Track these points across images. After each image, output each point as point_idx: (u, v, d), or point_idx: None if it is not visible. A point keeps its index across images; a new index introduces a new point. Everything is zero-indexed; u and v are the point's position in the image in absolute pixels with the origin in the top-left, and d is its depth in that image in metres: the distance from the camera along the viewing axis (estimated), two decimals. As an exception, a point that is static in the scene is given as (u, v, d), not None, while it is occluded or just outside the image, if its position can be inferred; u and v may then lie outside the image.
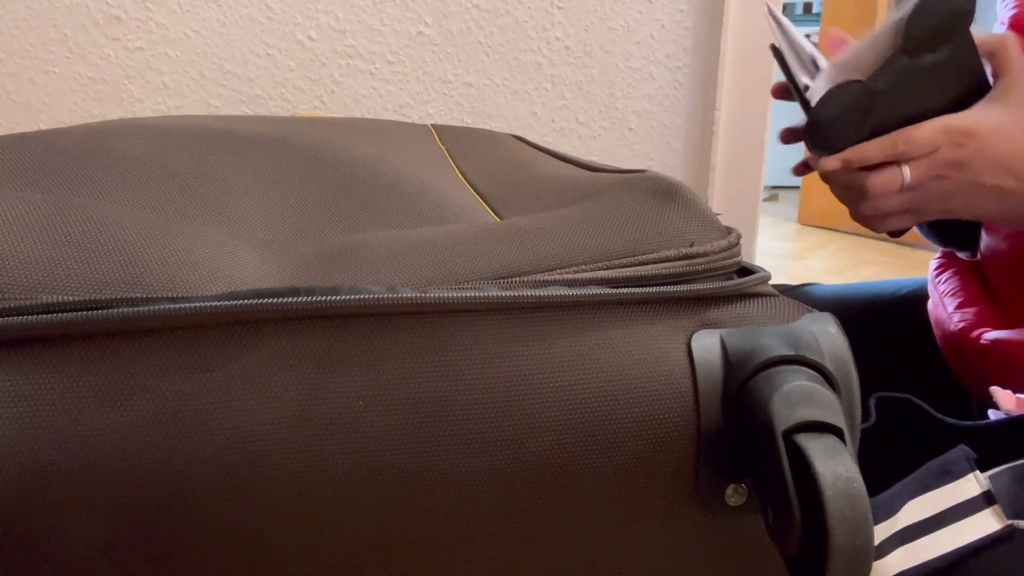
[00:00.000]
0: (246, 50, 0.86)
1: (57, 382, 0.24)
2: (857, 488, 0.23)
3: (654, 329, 0.28)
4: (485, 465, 0.26)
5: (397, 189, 0.38)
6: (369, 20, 0.88)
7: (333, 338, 0.26)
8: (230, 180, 0.37)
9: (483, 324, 0.27)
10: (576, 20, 0.92)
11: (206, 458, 0.24)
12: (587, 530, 0.28)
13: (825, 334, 0.28)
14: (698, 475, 0.27)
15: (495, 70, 0.93)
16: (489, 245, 0.29)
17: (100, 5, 0.82)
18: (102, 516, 0.24)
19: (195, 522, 0.24)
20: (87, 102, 0.85)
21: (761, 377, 0.26)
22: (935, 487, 0.41)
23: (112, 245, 0.26)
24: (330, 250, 0.29)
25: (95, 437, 0.23)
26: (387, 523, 0.26)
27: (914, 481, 0.42)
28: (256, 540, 0.25)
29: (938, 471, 0.42)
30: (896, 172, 0.54)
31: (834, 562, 0.22)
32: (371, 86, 0.90)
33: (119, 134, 0.40)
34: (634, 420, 0.27)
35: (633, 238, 0.30)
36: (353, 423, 0.25)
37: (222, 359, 0.25)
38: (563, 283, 0.28)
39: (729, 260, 0.30)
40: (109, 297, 0.25)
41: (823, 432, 0.24)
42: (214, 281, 0.26)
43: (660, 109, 0.97)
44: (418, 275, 0.28)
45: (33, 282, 0.24)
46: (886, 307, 0.76)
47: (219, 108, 0.88)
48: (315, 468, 0.25)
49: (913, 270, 2.60)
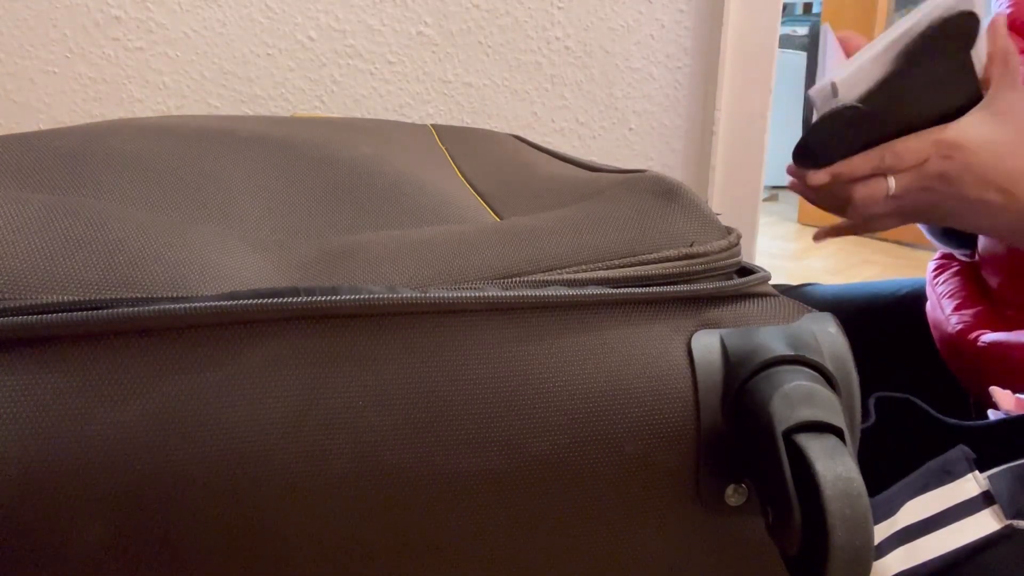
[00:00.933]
0: (246, 50, 0.86)
1: (57, 382, 0.24)
2: (857, 488, 0.23)
3: (654, 329, 0.28)
4: (485, 465, 0.26)
5: (397, 189, 0.38)
6: (369, 20, 0.88)
7: (333, 338, 0.26)
8: (230, 180, 0.37)
9: (483, 324, 0.27)
10: (576, 20, 0.92)
11: (206, 458, 0.24)
12: (587, 530, 0.28)
13: (825, 334, 0.28)
14: (698, 475, 0.27)
15: (495, 70, 0.93)
16: (489, 245, 0.29)
17: (100, 5, 0.82)
18: (102, 516, 0.24)
19: (195, 522, 0.24)
20: (87, 102, 0.85)
21: (761, 377, 0.26)
22: (934, 487, 0.41)
23: (112, 245, 0.26)
24: (330, 250, 0.29)
25: (95, 437, 0.23)
26: (387, 523, 0.26)
27: (913, 481, 0.42)
28: (256, 540, 0.25)
29: (937, 471, 0.42)
30: (881, 183, 0.54)
31: (834, 562, 0.22)
32: (371, 86, 0.90)
33: (119, 134, 0.40)
34: (634, 420, 0.27)
35: (633, 238, 0.30)
36: (353, 423, 0.25)
37: (222, 359, 0.25)
38: (563, 283, 0.28)
39: (729, 260, 0.30)
40: (109, 297, 0.25)
41: (823, 432, 0.24)
42: (214, 281, 0.26)
43: (660, 109, 0.97)
44: (418, 275, 0.28)
45: (33, 282, 0.24)
46: (885, 307, 0.76)
47: (219, 108, 0.88)
48: (315, 468, 0.25)
49: (913, 270, 2.60)
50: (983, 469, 0.41)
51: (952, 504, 0.40)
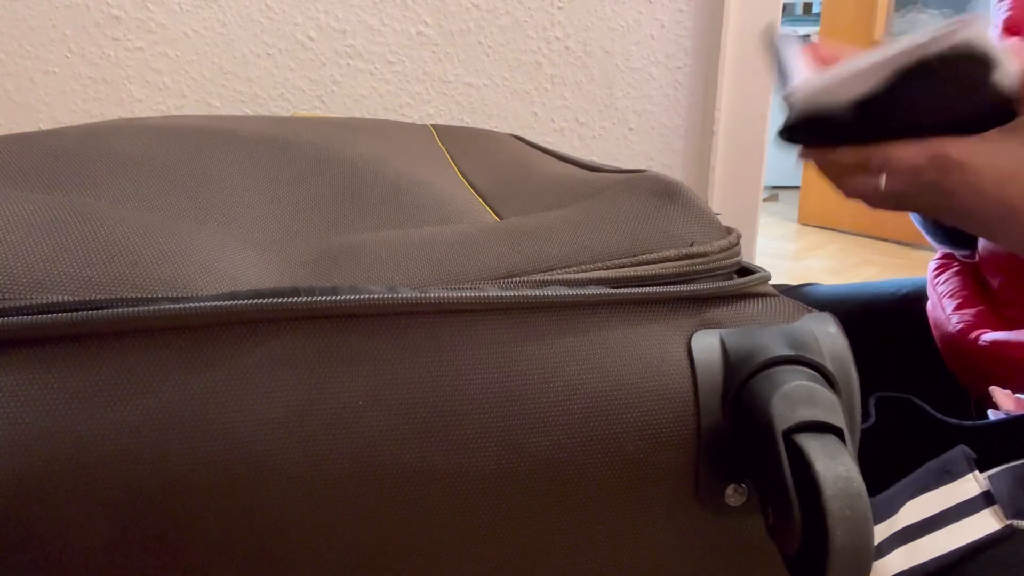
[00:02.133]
0: (246, 50, 0.86)
1: (57, 382, 0.24)
2: (857, 488, 0.23)
3: (654, 329, 0.28)
4: (485, 465, 0.26)
5: (397, 189, 0.38)
6: (369, 20, 0.88)
7: (333, 338, 0.26)
8: (230, 180, 0.37)
9: (483, 324, 0.27)
10: (576, 20, 0.92)
11: (206, 458, 0.24)
12: (587, 530, 0.28)
13: (825, 334, 0.28)
14: (698, 475, 0.27)
15: (495, 70, 0.93)
16: (489, 245, 0.29)
17: (100, 5, 0.82)
18: (101, 516, 0.24)
19: (194, 522, 0.24)
20: (87, 102, 0.85)
21: (761, 377, 0.26)
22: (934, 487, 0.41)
23: (112, 245, 0.26)
24: (330, 250, 0.29)
25: (95, 437, 0.23)
26: (387, 523, 0.26)
27: (913, 481, 0.42)
28: (255, 540, 0.25)
29: (937, 471, 0.42)
30: (870, 179, 0.51)
31: (834, 562, 0.22)
32: (371, 86, 0.90)
33: (119, 134, 0.40)
34: (634, 420, 0.27)
35: (633, 238, 0.30)
36: (353, 423, 0.25)
37: (222, 359, 0.25)
38: (563, 283, 0.28)
39: (729, 260, 0.30)
40: (109, 297, 0.25)
41: (823, 432, 0.24)
42: (214, 281, 0.26)
43: (660, 109, 0.97)
44: (418, 275, 0.28)
45: (33, 282, 0.24)
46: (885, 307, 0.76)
47: (219, 108, 0.88)
48: (315, 468, 0.25)
49: (913, 270, 2.60)
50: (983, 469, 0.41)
51: (952, 504, 0.40)
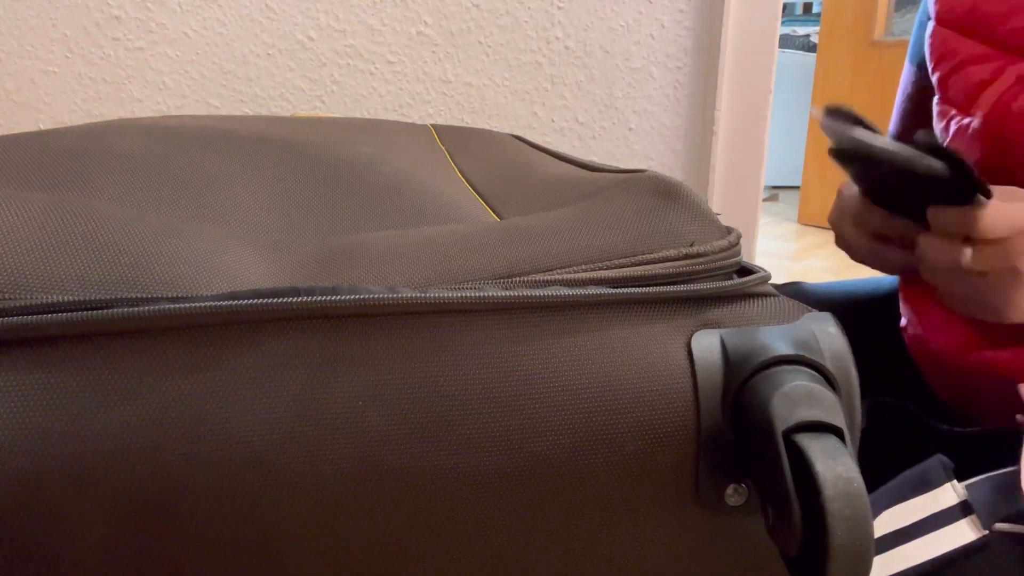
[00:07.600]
0: (246, 50, 0.86)
1: (57, 382, 0.24)
2: (857, 488, 0.23)
3: (654, 329, 0.28)
4: (485, 465, 0.26)
5: (397, 189, 0.38)
6: (369, 20, 0.88)
7: (333, 338, 0.26)
8: (230, 180, 0.37)
9: (483, 324, 0.27)
10: (576, 20, 0.92)
11: (206, 458, 0.24)
12: (587, 529, 0.28)
13: (825, 334, 0.28)
14: (698, 475, 0.27)
15: (495, 70, 0.93)
16: (489, 245, 0.29)
17: (100, 5, 0.82)
18: (101, 516, 0.24)
19: (194, 522, 0.24)
20: (87, 102, 0.85)
21: (761, 377, 0.26)
22: (911, 497, 0.41)
23: (112, 245, 0.26)
24: (330, 250, 0.29)
25: (95, 437, 0.23)
26: (387, 523, 0.26)
27: (890, 491, 0.42)
28: (255, 540, 0.25)
29: (914, 481, 0.41)
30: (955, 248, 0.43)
31: (834, 562, 0.22)
32: (371, 86, 0.90)
33: (119, 134, 0.40)
34: (634, 420, 0.27)
35: (633, 238, 0.30)
36: (353, 423, 0.25)
37: (222, 359, 0.25)
38: (563, 283, 0.28)
39: (729, 260, 0.30)
40: (109, 297, 0.25)
41: (823, 432, 0.24)
42: (214, 281, 0.26)
43: (660, 109, 0.97)
44: (418, 275, 0.28)
45: (33, 282, 0.24)
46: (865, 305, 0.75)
47: (219, 108, 0.88)
48: (315, 468, 0.25)
49: (913, 270, 2.59)
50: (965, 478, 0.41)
51: (929, 514, 0.40)
